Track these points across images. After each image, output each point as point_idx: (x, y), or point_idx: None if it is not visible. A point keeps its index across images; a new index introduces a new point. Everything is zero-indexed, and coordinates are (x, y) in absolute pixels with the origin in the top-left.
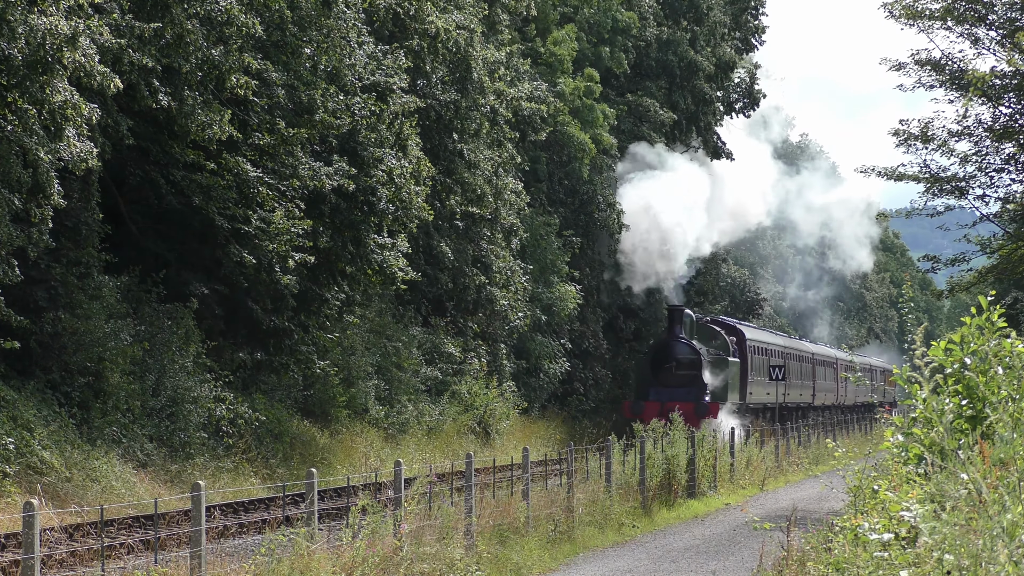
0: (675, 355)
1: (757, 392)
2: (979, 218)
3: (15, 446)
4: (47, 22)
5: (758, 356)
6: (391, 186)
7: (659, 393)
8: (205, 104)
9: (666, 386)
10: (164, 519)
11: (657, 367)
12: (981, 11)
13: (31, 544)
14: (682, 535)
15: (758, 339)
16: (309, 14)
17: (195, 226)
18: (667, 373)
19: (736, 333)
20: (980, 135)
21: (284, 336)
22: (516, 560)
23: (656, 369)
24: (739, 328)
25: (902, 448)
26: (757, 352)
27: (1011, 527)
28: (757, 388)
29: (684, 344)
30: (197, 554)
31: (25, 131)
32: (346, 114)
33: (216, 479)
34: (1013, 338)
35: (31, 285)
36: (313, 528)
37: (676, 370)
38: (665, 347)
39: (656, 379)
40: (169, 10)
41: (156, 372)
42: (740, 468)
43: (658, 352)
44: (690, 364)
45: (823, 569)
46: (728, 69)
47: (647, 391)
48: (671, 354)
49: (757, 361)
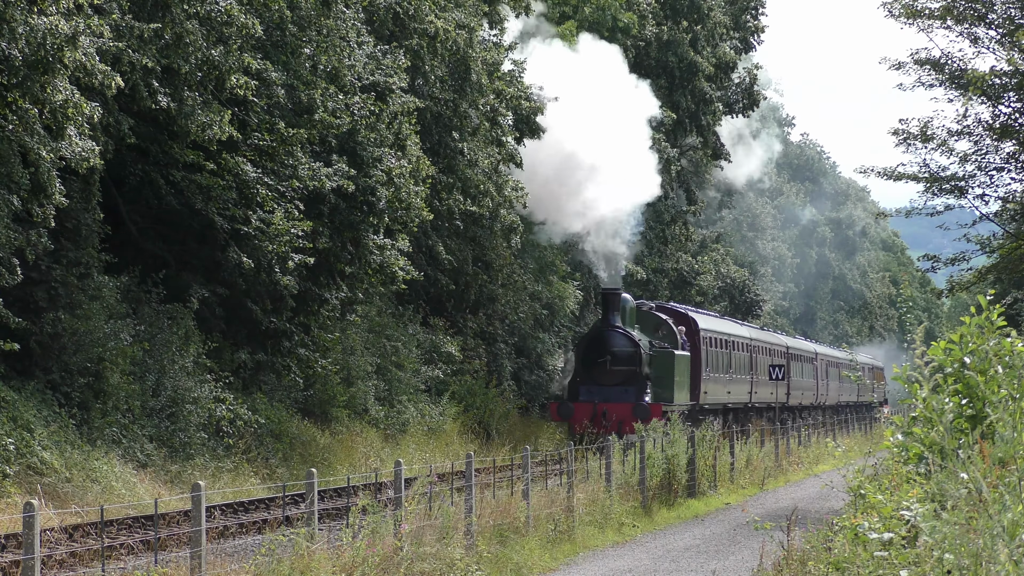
0: (610, 347)
1: (714, 391)
2: (979, 217)
3: (15, 446)
4: (47, 22)
5: (715, 349)
6: (390, 186)
7: (591, 392)
8: (205, 104)
9: (600, 384)
10: (164, 519)
11: (589, 362)
12: (981, 10)
13: (31, 544)
14: (682, 535)
15: (715, 329)
16: (309, 14)
17: (195, 227)
18: (601, 369)
19: (687, 322)
20: (980, 134)
21: (284, 336)
22: (516, 560)
23: (588, 364)
24: (691, 316)
25: (902, 448)
26: (714, 344)
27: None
28: (714, 386)
29: (621, 335)
30: (197, 554)
31: (26, 131)
32: (345, 114)
33: (216, 479)
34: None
35: (31, 285)
36: (313, 528)
37: (611, 365)
38: (598, 338)
39: (588, 376)
40: (169, 10)
41: (156, 372)
42: (740, 468)
43: (590, 344)
44: (628, 358)
45: (823, 569)
46: (728, 69)
47: (577, 390)
48: (605, 346)
49: (714, 355)
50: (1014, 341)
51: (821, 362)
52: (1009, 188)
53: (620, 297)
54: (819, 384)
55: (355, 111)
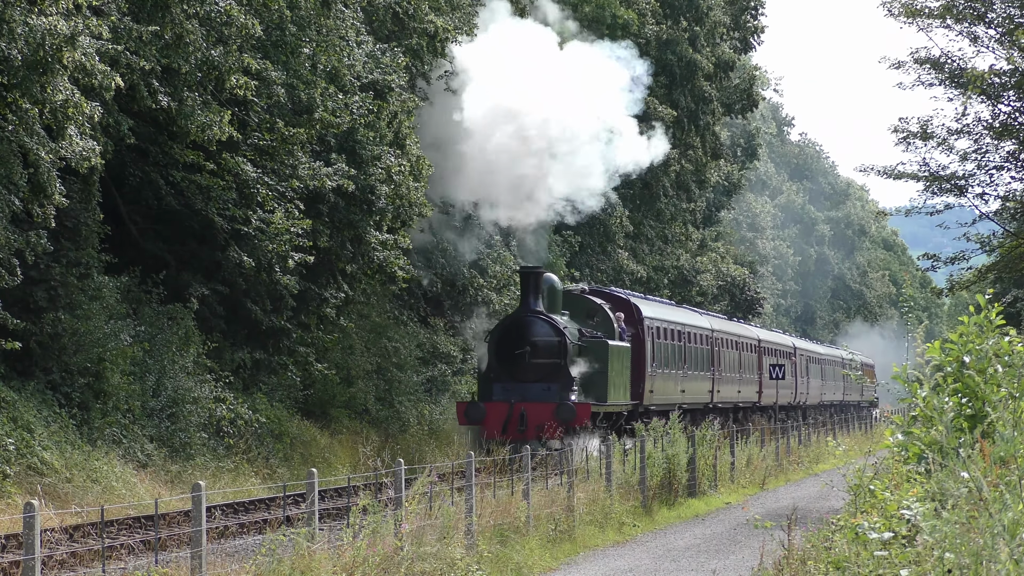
0: (529, 337)
1: (664, 389)
2: (979, 216)
3: (15, 447)
4: (46, 22)
5: (666, 341)
6: (390, 184)
7: (507, 390)
8: (205, 105)
9: (517, 380)
10: (164, 519)
11: (505, 354)
12: (980, 9)
13: (32, 545)
14: (683, 534)
15: (665, 317)
16: (308, 14)
17: (195, 227)
18: (518, 363)
19: (627, 308)
20: (979, 133)
21: (284, 336)
22: (517, 559)
23: (503, 357)
24: (632, 302)
25: (902, 447)
26: (664, 335)
27: (1012, 525)
28: (664, 383)
29: (543, 321)
30: (198, 554)
31: (26, 131)
32: (345, 112)
33: (216, 479)
34: (1012, 336)
35: (31, 286)
36: (314, 528)
37: (531, 358)
38: (515, 326)
39: (504, 371)
40: (169, 10)
41: (156, 373)
42: (740, 467)
43: (506, 333)
44: (551, 349)
45: (824, 568)
46: (727, 68)
47: (491, 388)
48: (524, 335)
49: (664, 347)
50: (1013, 340)
51: (801, 358)
52: (1009, 187)
53: (542, 277)
54: (798, 382)
55: (354, 110)
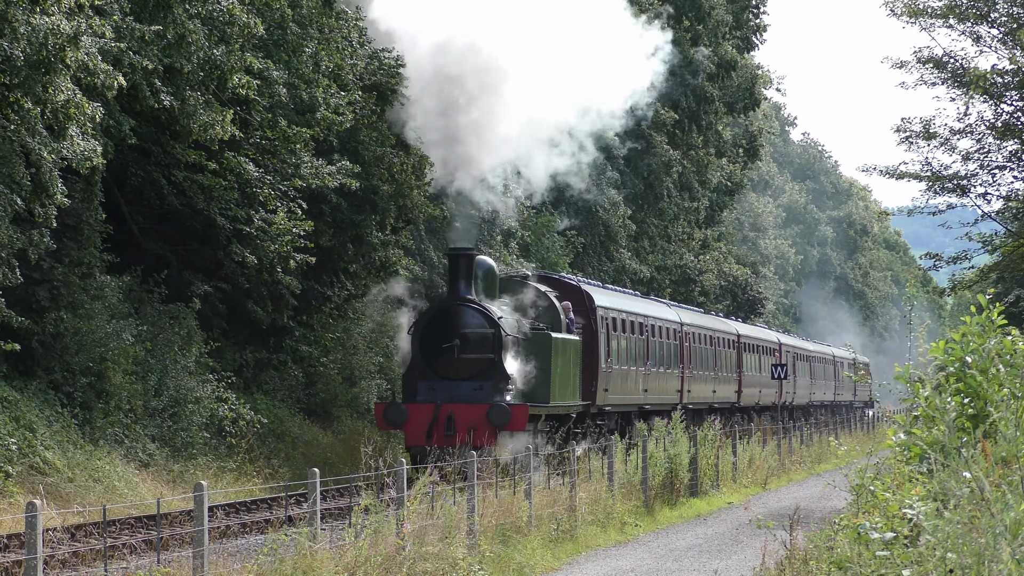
0: (459, 328)
1: (622, 388)
2: (981, 216)
3: (17, 446)
4: (49, 22)
5: (624, 334)
6: (392, 183)
7: (433, 390)
8: (207, 104)
9: (444, 378)
10: (167, 519)
11: (430, 349)
12: (983, 8)
13: (34, 544)
14: (685, 534)
15: (622, 308)
16: (310, 13)
17: (197, 226)
18: (446, 358)
19: (577, 297)
20: (982, 133)
21: (286, 336)
22: (519, 559)
23: (429, 352)
24: (583, 290)
25: (904, 447)
26: (621, 328)
27: (1014, 525)
28: (622, 382)
29: (475, 310)
30: (200, 554)
31: (28, 131)
32: (348, 111)
33: (219, 479)
34: (1014, 336)
35: (33, 285)
36: (315, 528)
37: (460, 353)
38: (443, 316)
39: (429, 368)
40: (171, 10)
41: (158, 372)
42: (743, 467)
43: (432, 324)
44: (483, 343)
45: (826, 568)
46: (729, 68)
47: (415, 386)
48: (452, 327)
49: (622, 341)
50: (1015, 340)
51: (787, 354)
52: (1011, 187)
53: (474, 259)
54: (784, 381)
55: (357, 109)
